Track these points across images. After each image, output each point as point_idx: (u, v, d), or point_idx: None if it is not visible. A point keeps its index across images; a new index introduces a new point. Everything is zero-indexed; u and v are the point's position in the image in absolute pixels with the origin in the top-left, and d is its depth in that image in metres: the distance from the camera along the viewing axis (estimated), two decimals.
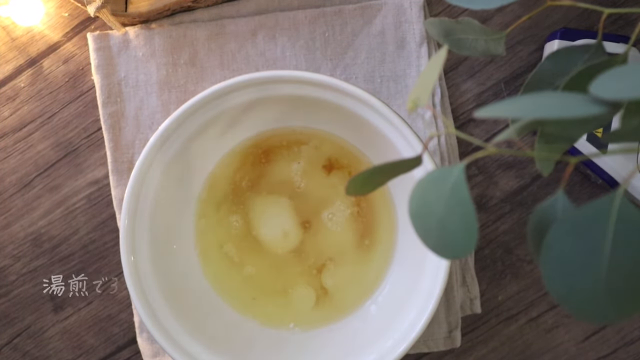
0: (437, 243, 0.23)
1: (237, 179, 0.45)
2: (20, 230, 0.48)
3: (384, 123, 0.39)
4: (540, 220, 0.24)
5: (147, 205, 0.41)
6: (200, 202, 0.45)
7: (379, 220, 0.45)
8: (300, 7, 0.47)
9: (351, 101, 0.39)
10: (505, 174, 0.46)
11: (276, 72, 0.39)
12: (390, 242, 0.45)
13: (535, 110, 0.21)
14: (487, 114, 0.22)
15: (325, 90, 0.39)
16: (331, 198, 0.45)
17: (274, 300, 0.45)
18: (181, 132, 0.41)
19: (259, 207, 0.45)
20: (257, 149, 0.45)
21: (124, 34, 0.46)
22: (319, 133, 0.45)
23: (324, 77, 0.39)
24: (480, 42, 0.35)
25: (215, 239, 0.45)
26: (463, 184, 0.22)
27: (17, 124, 0.48)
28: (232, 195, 0.45)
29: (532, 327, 0.46)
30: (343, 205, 0.45)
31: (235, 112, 0.42)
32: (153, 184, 0.41)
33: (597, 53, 0.32)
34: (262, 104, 0.41)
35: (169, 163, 0.41)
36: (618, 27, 0.45)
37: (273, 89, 0.40)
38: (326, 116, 0.43)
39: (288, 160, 0.45)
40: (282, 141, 0.45)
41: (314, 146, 0.45)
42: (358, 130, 0.42)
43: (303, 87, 0.40)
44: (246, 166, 0.45)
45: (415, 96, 0.25)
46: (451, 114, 0.46)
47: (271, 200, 0.45)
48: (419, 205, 0.23)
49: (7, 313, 0.48)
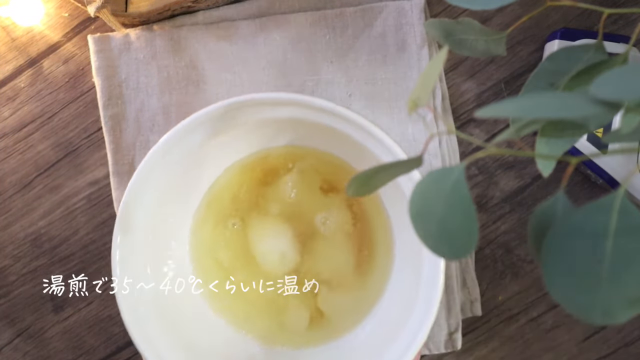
0: (437, 243, 0.23)
1: (236, 197, 0.45)
2: (20, 231, 0.48)
3: (380, 148, 0.38)
4: (540, 220, 0.24)
5: (140, 221, 0.40)
6: (197, 219, 0.45)
7: (375, 241, 0.44)
8: (302, 10, 0.47)
9: (348, 126, 0.38)
10: (506, 174, 0.46)
11: (278, 95, 0.38)
12: (387, 263, 0.44)
13: (535, 110, 0.21)
14: (487, 114, 0.22)
15: (321, 113, 0.39)
16: (328, 219, 0.44)
17: (268, 320, 0.44)
18: (178, 149, 0.40)
19: (256, 226, 0.45)
20: (257, 168, 0.45)
21: (125, 36, 0.46)
22: (317, 153, 0.44)
23: (320, 102, 0.38)
24: (481, 43, 0.35)
25: (211, 255, 0.45)
26: (463, 184, 0.22)
27: (17, 124, 0.48)
28: (230, 213, 0.45)
29: (532, 327, 0.46)
30: (340, 226, 0.44)
31: (236, 131, 0.41)
32: (148, 199, 0.40)
33: (597, 53, 0.32)
34: (262, 123, 0.41)
35: (166, 178, 0.40)
36: (618, 27, 0.45)
37: (272, 111, 0.39)
38: (324, 137, 0.42)
39: (286, 180, 0.45)
40: (281, 160, 0.45)
41: (313, 167, 0.45)
42: (355, 152, 0.42)
43: (302, 110, 0.39)
44: (245, 184, 0.45)
45: (415, 96, 0.25)
46: (452, 115, 0.46)
47: (269, 220, 0.45)
48: (420, 206, 0.23)
49: (8, 313, 0.48)
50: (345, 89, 0.46)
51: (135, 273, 0.40)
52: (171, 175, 0.41)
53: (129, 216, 0.39)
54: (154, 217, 0.41)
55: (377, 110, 0.46)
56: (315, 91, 0.46)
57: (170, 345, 0.40)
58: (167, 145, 0.39)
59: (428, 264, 0.38)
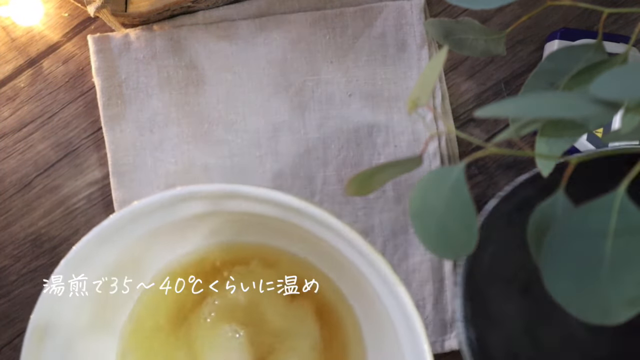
0: (437, 243, 0.23)
1: (174, 304, 0.38)
2: (20, 231, 0.48)
3: (352, 252, 0.32)
4: (540, 220, 0.24)
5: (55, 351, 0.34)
6: (125, 335, 0.38)
7: (347, 358, 0.38)
8: (302, 10, 0.47)
9: (316, 225, 0.32)
10: (505, 174, 0.46)
11: (226, 187, 0.32)
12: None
13: (535, 110, 0.21)
14: (487, 114, 0.22)
15: (285, 211, 0.32)
16: (292, 332, 0.38)
17: None
18: (107, 247, 0.34)
19: (203, 339, 0.38)
20: (205, 266, 0.38)
21: (125, 36, 0.46)
22: (276, 251, 0.38)
23: (282, 197, 0.31)
24: (481, 42, 0.35)
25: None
26: (463, 184, 0.22)
27: (17, 124, 0.48)
28: (168, 325, 0.38)
29: None
30: (306, 341, 0.38)
31: (180, 224, 0.35)
32: (65, 314, 0.34)
33: (597, 53, 0.32)
34: (211, 218, 0.35)
35: (88, 283, 0.35)
36: (618, 27, 0.45)
37: (223, 204, 0.33)
38: (282, 234, 0.36)
39: (240, 281, 0.38)
40: (236, 258, 0.38)
41: (271, 265, 0.38)
42: (324, 255, 0.36)
43: (260, 205, 0.32)
44: (189, 286, 0.38)
45: (415, 96, 0.25)
46: (452, 116, 0.46)
47: (219, 331, 0.38)
48: (419, 205, 0.23)
49: (8, 313, 0.48)
50: (345, 88, 0.46)
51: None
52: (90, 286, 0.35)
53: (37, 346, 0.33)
54: (71, 339, 0.34)
55: (377, 110, 0.46)
56: (315, 91, 0.46)
57: None
58: (89, 246, 0.33)
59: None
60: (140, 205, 0.32)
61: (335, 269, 0.38)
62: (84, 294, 0.34)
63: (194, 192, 0.32)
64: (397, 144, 0.46)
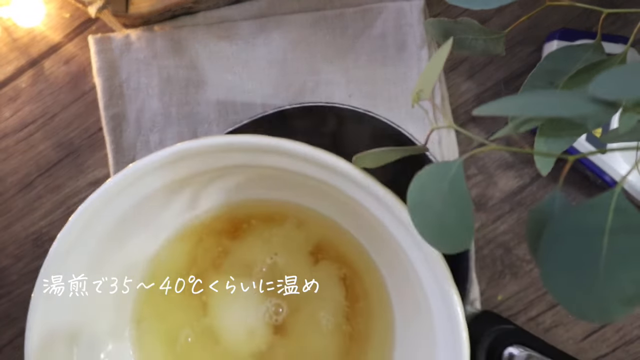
0: (435, 237, 0.23)
1: (195, 258, 0.37)
2: (21, 231, 0.48)
3: (385, 214, 0.30)
4: (537, 218, 0.24)
5: (64, 303, 0.33)
6: (143, 288, 0.37)
7: (371, 333, 0.36)
8: (302, 11, 0.47)
9: (342, 180, 0.30)
10: (505, 174, 0.46)
11: (253, 139, 0.30)
12: (386, 356, 0.35)
13: (533, 108, 0.21)
14: (486, 112, 0.22)
15: (310, 165, 0.30)
16: (315, 297, 0.36)
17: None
18: (124, 198, 0.32)
19: (220, 295, 0.36)
20: (221, 224, 0.37)
21: (126, 37, 0.46)
22: (304, 209, 0.36)
23: (307, 149, 0.29)
24: (480, 42, 0.35)
25: (159, 329, 0.37)
26: (461, 179, 0.22)
27: (18, 125, 0.48)
28: (186, 276, 0.37)
29: (531, 327, 0.46)
30: (328, 307, 0.36)
31: (191, 181, 0.34)
32: (78, 265, 0.33)
33: (595, 53, 0.32)
34: (229, 172, 0.33)
35: (104, 236, 0.33)
36: (617, 28, 0.45)
37: (243, 158, 0.32)
38: (312, 192, 0.34)
39: (263, 241, 0.37)
40: (257, 216, 0.37)
41: (297, 226, 0.37)
42: (351, 214, 0.34)
43: (282, 159, 0.31)
44: (206, 244, 0.37)
45: (419, 89, 0.25)
46: (452, 117, 0.46)
47: (238, 293, 0.36)
48: (418, 199, 0.23)
49: (9, 313, 0.48)
50: (345, 89, 0.46)
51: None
52: (109, 234, 0.33)
53: (48, 298, 0.33)
54: (85, 291, 0.34)
55: (377, 110, 0.46)
56: (315, 91, 0.46)
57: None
58: (107, 196, 0.31)
59: (445, 351, 0.30)
60: (171, 152, 0.30)
61: (366, 234, 0.36)
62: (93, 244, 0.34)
63: (232, 142, 0.30)
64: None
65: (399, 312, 0.35)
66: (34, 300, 0.32)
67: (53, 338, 0.32)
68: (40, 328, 0.32)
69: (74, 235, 0.32)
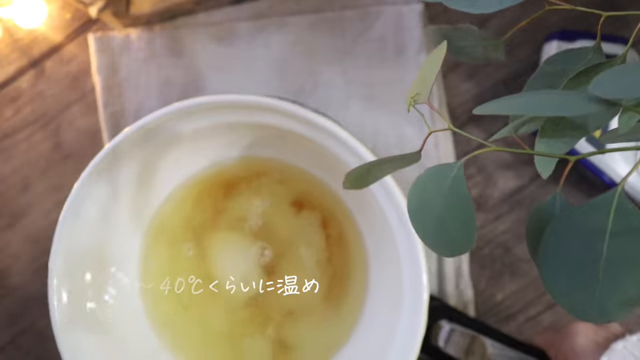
0: (435, 241, 0.23)
1: (192, 211, 0.41)
2: (22, 230, 0.48)
3: (353, 159, 0.34)
4: (538, 219, 0.24)
5: (82, 240, 0.36)
6: (148, 242, 0.41)
7: (350, 269, 0.40)
8: (301, 13, 0.47)
9: (323, 135, 0.34)
10: (504, 174, 0.46)
11: (238, 97, 0.34)
12: (362, 293, 0.40)
13: (533, 108, 0.22)
14: (487, 111, 0.22)
15: (292, 120, 0.35)
16: (299, 241, 0.40)
17: (222, 351, 0.40)
18: (129, 156, 0.36)
19: (215, 244, 0.41)
20: (217, 180, 0.41)
21: (126, 36, 0.46)
22: (286, 166, 0.40)
23: (291, 107, 0.34)
24: (479, 49, 0.35)
25: (163, 274, 0.41)
26: (462, 181, 0.22)
27: (19, 125, 0.48)
28: (186, 229, 0.41)
29: (530, 326, 0.46)
30: (312, 249, 0.40)
31: (194, 138, 0.37)
32: (90, 215, 0.36)
33: (595, 55, 0.32)
34: (218, 131, 0.37)
35: (111, 193, 0.37)
36: (616, 29, 0.46)
37: (231, 116, 0.36)
38: (295, 149, 0.38)
39: (251, 195, 0.41)
40: (245, 173, 0.41)
41: (281, 180, 0.41)
42: (331, 168, 0.38)
43: (269, 115, 0.35)
44: (203, 198, 0.41)
45: (414, 93, 0.25)
46: (450, 121, 0.46)
47: (231, 239, 0.41)
48: (418, 202, 0.23)
49: (10, 312, 0.48)
50: (343, 91, 0.46)
51: (75, 294, 0.36)
52: (117, 189, 0.37)
53: (69, 235, 0.36)
54: (98, 236, 0.37)
55: (375, 113, 0.46)
56: (313, 93, 0.46)
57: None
58: (114, 152, 0.35)
59: (409, 287, 0.35)
60: (176, 108, 0.35)
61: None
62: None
63: (233, 101, 0.34)
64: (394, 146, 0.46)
65: (373, 257, 0.40)
66: (61, 223, 0.36)
67: (74, 261, 0.36)
68: (64, 252, 0.36)
69: (105, 162, 0.35)
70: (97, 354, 0.36)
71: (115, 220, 0.38)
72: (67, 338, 0.36)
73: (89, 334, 0.37)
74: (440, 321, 0.39)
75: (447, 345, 0.38)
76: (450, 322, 0.39)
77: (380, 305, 0.39)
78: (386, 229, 0.35)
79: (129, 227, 0.40)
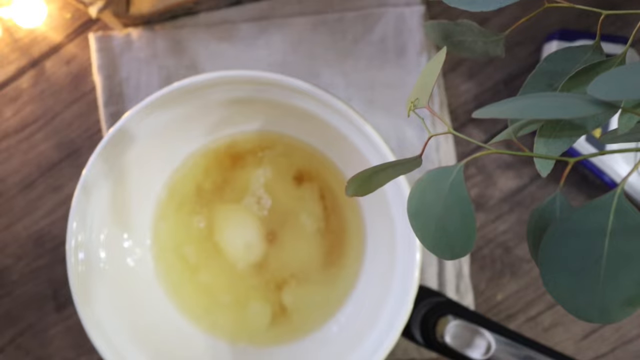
0: (435, 243, 0.23)
1: (201, 182, 0.44)
2: (22, 230, 0.48)
3: (356, 134, 0.37)
4: (538, 220, 0.24)
5: (98, 205, 0.39)
6: (160, 208, 0.44)
7: (347, 238, 0.43)
8: (302, 14, 0.47)
9: (326, 110, 0.37)
10: (504, 174, 0.46)
11: (248, 73, 0.37)
12: (358, 260, 0.43)
13: (533, 111, 0.22)
14: (485, 115, 0.22)
15: (297, 95, 0.37)
16: (299, 211, 0.43)
17: (228, 314, 0.43)
18: (142, 128, 0.39)
19: (222, 214, 0.43)
20: (224, 153, 0.44)
21: (127, 35, 0.46)
22: (289, 140, 0.43)
23: (297, 83, 0.36)
24: (479, 44, 0.35)
25: (173, 241, 0.44)
26: (461, 184, 0.22)
27: (20, 125, 0.48)
28: (195, 199, 0.44)
29: (530, 326, 0.46)
30: (311, 219, 0.43)
31: (202, 112, 0.40)
32: (109, 181, 0.39)
33: (595, 54, 0.32)
34: (230, 105, 0.40)
35: (127, 160, 0.40)
36: (616, 28, 0.46)
37: (242, 92, 0.38)
38: (298, 123, 0.41)
39: (256, 167, 0.44)
40: (250, 146, 0.44)
41: (284, 154, 0.43)
42: (331, 142, 0.41)
43: (277, 91, 0.38)
44: (211, 170, 0.44)
45: (414, 97, 0.25)
46: (450, 122, 0.46)
47: (235, 209, 0.43)
48: (418, 205, 0.23)
49: (10, 312, 0.48)
50: (343, 93, 0.46)
51: (90, 255, 0.38)
52: (132, 157, 0.40)
53: (87, 200, 0.38)
54: (114, 200, 0.40)
55: (376, 115, 0.46)
56: None
57: (125, 339, 0.39)
58: (130, 123, 0.38)
59: (402, 257, 0.37)
60: (195, 81, 0.37)
61: (344, 159, 0.42)
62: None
63: (221, 76, 0.37)
64: (394, 147, 0.46)
65: (370, 227, 0.43)
66: (79, 189, 0.37)
67: (89, 221, 0.39)
68: (79, 215, 0.38)
69: (126, 128, 0.38)
70: (114, 312, 0.39)
71: (129, 190, 0.41)
72: (82, 295, 0.38)
73: (105, 290, 0.39)
74: (446, 316, 0.40)
75: (453, 339, 0.39)
76: (455, 317, 0.39)
77: (375, 271, 0.41)
78: (382, 202, 0.37)
79: (142, 195, 0.42)
